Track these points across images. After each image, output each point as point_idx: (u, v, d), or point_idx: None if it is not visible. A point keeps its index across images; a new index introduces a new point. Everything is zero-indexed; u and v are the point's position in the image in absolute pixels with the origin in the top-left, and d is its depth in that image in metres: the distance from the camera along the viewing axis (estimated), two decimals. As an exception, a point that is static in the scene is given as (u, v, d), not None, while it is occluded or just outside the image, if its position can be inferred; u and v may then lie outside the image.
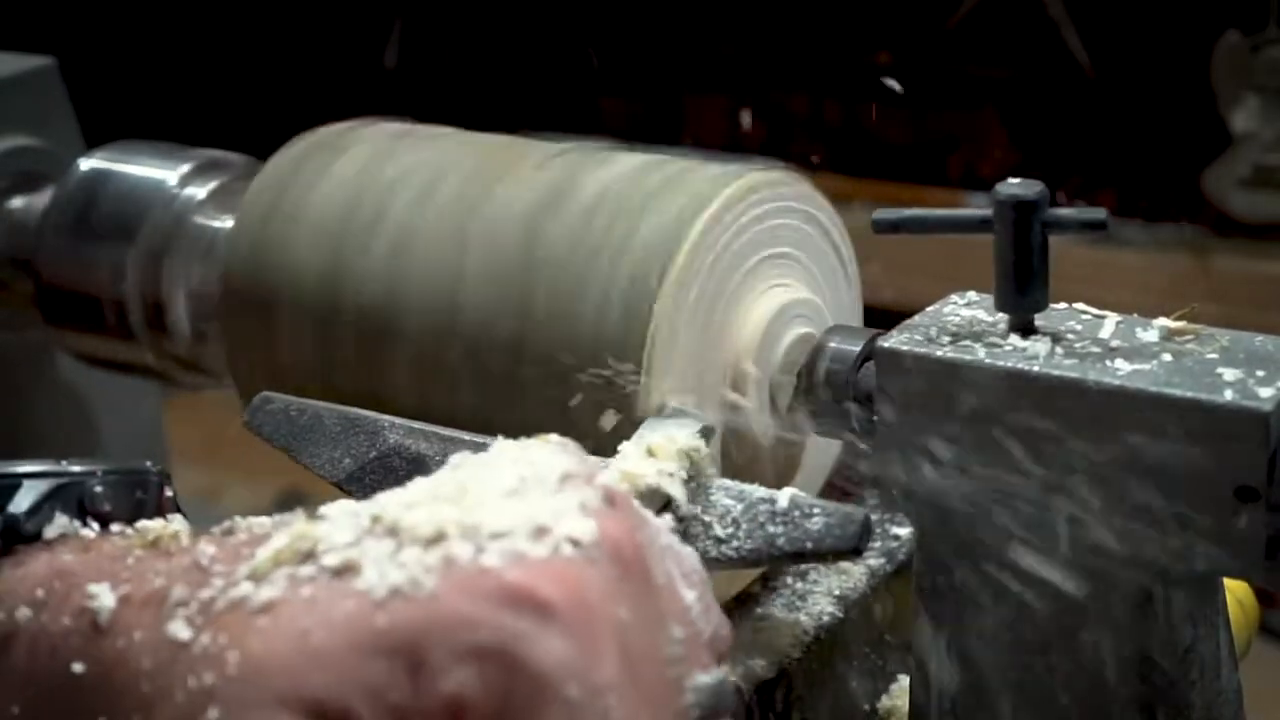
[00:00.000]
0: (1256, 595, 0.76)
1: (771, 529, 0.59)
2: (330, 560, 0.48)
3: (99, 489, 0.56)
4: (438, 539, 0.48)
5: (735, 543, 0.59)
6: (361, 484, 0.65)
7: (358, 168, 0.76)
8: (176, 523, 0.55)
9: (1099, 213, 0.61)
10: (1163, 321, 0.62)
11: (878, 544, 0.72)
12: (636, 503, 0.53)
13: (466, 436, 0.65)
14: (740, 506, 0.60)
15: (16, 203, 0.95)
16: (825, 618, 0.68)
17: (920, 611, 0.64)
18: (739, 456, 0.70)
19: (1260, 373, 0.58)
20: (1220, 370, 0.58)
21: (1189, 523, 0.57)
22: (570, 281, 0.68)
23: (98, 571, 0.52)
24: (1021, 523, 0.61)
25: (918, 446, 0.62)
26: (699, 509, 0.61)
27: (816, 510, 0.59)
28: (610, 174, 0.72)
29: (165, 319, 0.84)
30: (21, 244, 0.91)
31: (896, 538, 0.72)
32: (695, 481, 0.62)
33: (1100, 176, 2.15)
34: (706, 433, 0.64)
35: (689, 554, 0.54)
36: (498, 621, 0.46)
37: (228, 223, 0.83)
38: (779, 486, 0.61)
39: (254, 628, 0.47)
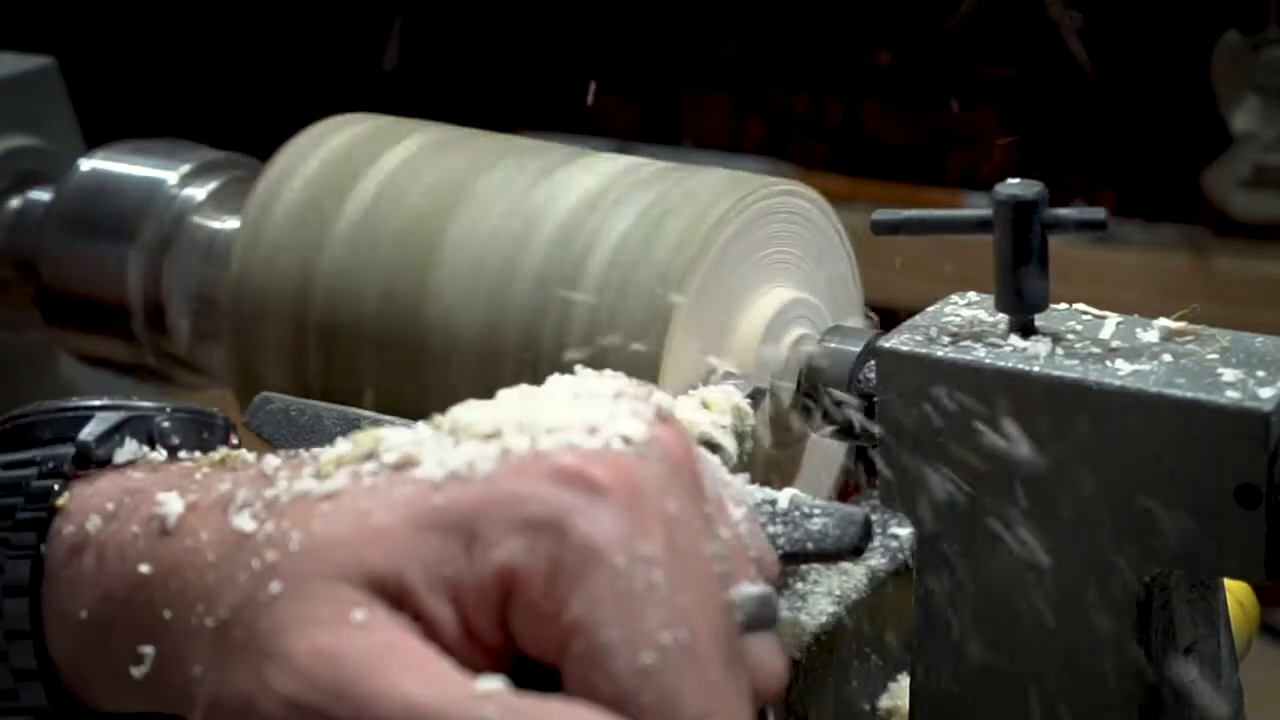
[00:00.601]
0: (1256, 595, 0.76)
1: (772, 529, 0.58)
2: (390, 456, 0.50)
3: (167, 424, 0.58)
4: (495, 434, 0.49)
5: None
6: None
7: (330, 165, 0.76)
8: (242, 452, 0.57)
9: (1098, 212, 0.61)
10: (1163, 322, 0.62)
11: (878, 544, 0.72)
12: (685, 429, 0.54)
13: (467, 437, 0.65)
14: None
15: (16, 202, 0.95)
16: (825, 618, 0.68)
17: (920, 611, 0.64)
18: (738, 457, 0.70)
19: (1260, 373, 0.58)
20: (1221, 371, 0.58)
21: (1189, 523, 0.57)
22: (566, 288, 0.69)
23: (166, 485, 0.54)
24: (1021, 522, 0.61)
25: (918, 447, 0.62)
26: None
27: (816, 511, 0.58)
28: (606, 176, 0.72)
29: (165, 319, 0.84)
30: (22, 244, 0.91)
31: (897, 538, 0.72)
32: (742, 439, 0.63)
33: (1100, 176, 2.15)
34: (757, 394, 0.65)
35: (738, 482, 0.56)
36: (549, 495, 0.47)
37: (228, 223, 0.83)
38: (779, 487, 0.61)
39: (316, 512, 0.49)
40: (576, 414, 0.50)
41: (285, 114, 0.89)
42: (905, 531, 0.73)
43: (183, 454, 0.58)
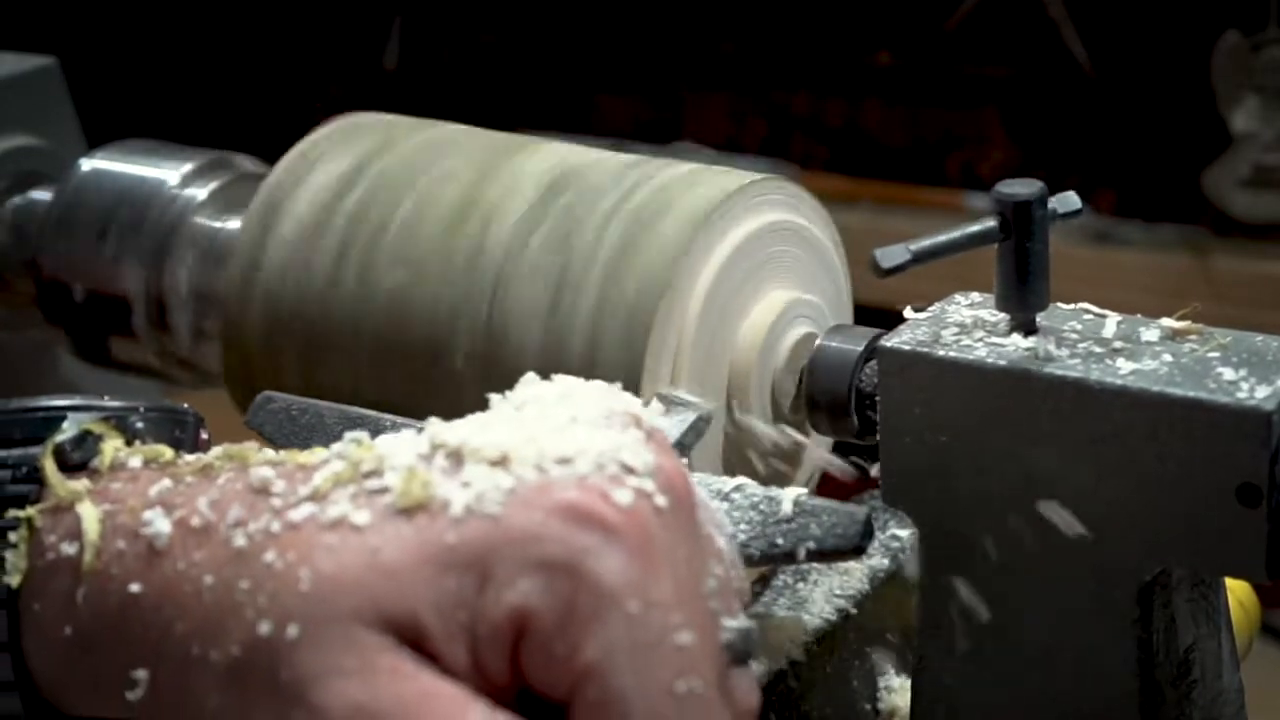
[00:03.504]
0: (1257, 595, 0.76)
1: (773, 529, 0.59)
2: (394, 482, 0.49)
3: (140, 424, 0.57)
4: (502, 461, 0.49)
5: (737, 541, 0.59)
6: None
7: (343, 168, 0.76)
8: (218, 449, 0.55)
9: (1072, 200, 0.61)
10: (1164, 321, 0.62)
11: (878, 544, 0.72)
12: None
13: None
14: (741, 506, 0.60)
15: (17, 202, 0.95)
16: (825, 618, 0.68)
17: (921, 611, 0.64)
18: (739, 456, 0.70)
19: (1261, 373, 0.58)
20: (1221, 370, 0.58)
21: (1190, 523, 0.57)
22: (564, 284, 0.69)
23: (149, 499, 0.52)
24: (1022, 522, 0.61)
25: (919, 446, 0.62)
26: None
27: (818, 510, 0.59)
28: (605, 174, 0.72)
29: (166, 319, 0.84)
30: (23, 243, 0.91)
31: (897, 537, 0.72)
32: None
33: (1100, 176, 2.15)
34: (702, 420, 0.64)
35: (715, 505, 0.56)
36: (563, 535, 0.47)
37: (228, 223, 0.83)
38: (780, 486, 0.61)
39: (322, 544, 0.48)
40: (581, 440, 0.50)
41: (285, 114, 0.89)
42: (906, 531, 0.73)
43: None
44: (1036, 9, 2.16)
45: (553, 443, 0.50)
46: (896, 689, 0.71)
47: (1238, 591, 0.73)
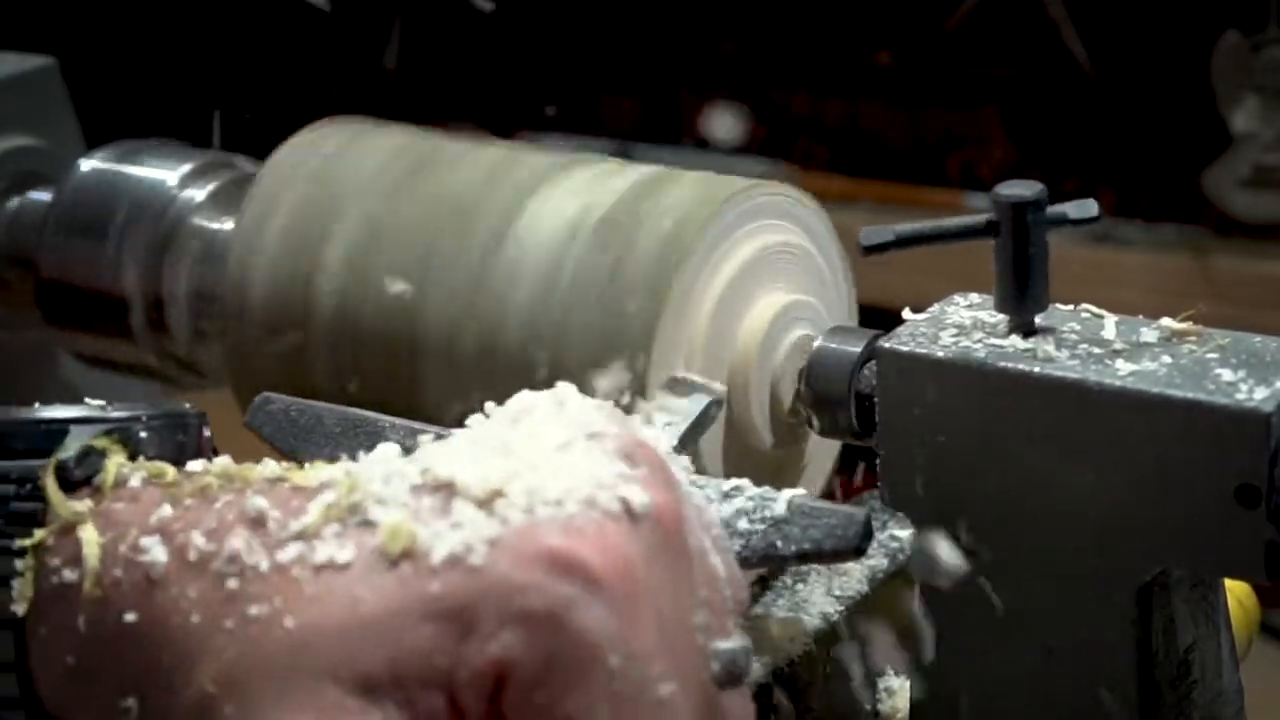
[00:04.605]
0: (1257, 595, 0.76)
1: (772, 530, 0.58)
2: (382, 518, 0.49)
3: (144, 434, 0.57)
4: (490, 500, 0.49)
5: (735, 543, 0.59)
6: None
7: (333, 167, 0.76)
8: (219, 464, 0.55)
9: (1091, 206, 0.61)
10: (1164, 322, 0.62)
11: (878, 544, 0.72)
12: (669, 465, 0.53)
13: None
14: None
15: (16, 202, 0.95)
16: (825, 618, 0.68)
17: (921, 611, 0.64)
18: (740, 457, 0.70)
19: (1260, 373, 0.58)
20: (1220, 371, 0.58)
21: (1190, 523, 0.58)
22: (565, 286, 0.69)
23: (147, 523, 0.52)
24: (1022, 523, 0.61)
25: (918, 447, 0.62)
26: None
27: (817, 511, 0.59)
28: (602, 176, 0.72)
29: (165, 319, 0.84)
30: (22, 243, 0.91)
31: (897, 538, 0.72)
32: (688, 450, 0.62)
33: (1100, 176, 2.15)
34: (715, 405, 0.64)
35: (712, 514, 0.55)
36: (546, 587, 0.47)
37: (227, 223, 0.83)
38: (780, 488, 0.61)
39: (305, 595, 0.48)
40: (572, 475, 0.49)
41: (285, 114, 0.89)
42: (906, 532, 0.73)
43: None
44: (1036, 9, 2.15)
45: (543, 478, 0.49)
46: (896, 689, 0.71)
47: (1237, 591, 0.73)
